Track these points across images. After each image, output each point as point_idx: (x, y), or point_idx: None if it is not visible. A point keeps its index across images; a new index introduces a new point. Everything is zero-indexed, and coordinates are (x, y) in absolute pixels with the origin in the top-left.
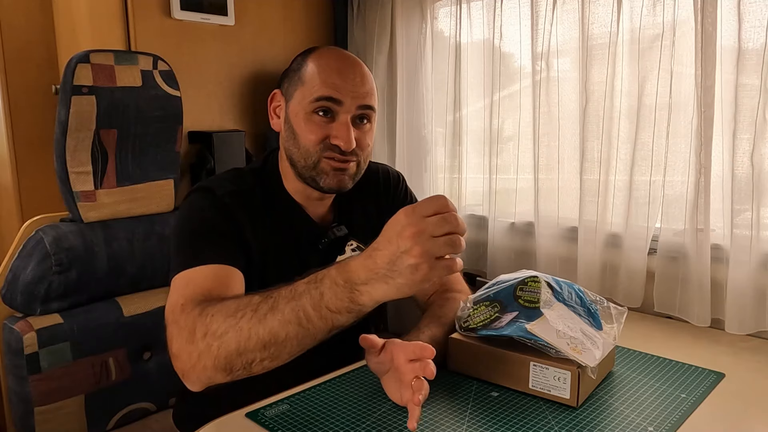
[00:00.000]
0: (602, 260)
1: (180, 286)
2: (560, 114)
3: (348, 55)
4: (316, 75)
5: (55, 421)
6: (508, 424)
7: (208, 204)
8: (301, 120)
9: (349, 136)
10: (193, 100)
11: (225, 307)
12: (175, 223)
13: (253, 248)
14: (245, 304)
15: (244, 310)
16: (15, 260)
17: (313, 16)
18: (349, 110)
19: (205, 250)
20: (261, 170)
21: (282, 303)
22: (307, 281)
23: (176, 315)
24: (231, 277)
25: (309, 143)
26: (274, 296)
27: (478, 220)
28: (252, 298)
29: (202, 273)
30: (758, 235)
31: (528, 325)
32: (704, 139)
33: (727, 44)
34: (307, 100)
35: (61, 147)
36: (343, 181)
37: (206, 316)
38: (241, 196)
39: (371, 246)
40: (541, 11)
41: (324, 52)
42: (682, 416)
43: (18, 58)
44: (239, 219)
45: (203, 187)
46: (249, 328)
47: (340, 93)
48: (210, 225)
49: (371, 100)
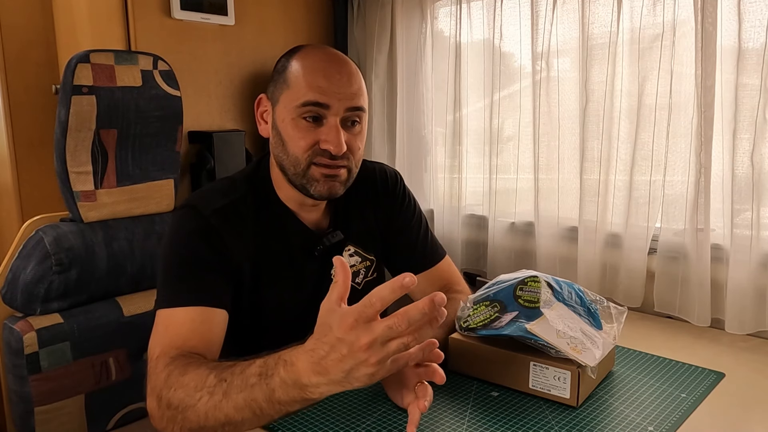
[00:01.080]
0: (602, 260)
1: (160, 329)
2: (560, 114)
3: (333, 54)
4: (301, 78)
5: (55, 421)
6: (508, 424)
7: (193, 228)
8: (289, 126)
9: (339, 140)
10: (193, 100)
11: (185, 383)
12: (163, 245)
13: (244, 268)
14: (202, 384)
15: (201, 392)
16: (15, 260)
17: (313, 16)
18: (338, 113)
19: (186, 290)
20: (253, 177)
21: (234, 392)
22: (258, 372)
23: (152, 364)
24: (211, 320)
25: (298, 150)
26: (228, 380)
27: (478, 220)
28: (208, 378)
29: (181, 318)
30: (758, 235)
31: (528, 324)
32: (704, 139)
33: (727, 44)
34: (293, 105)
35: (61, 147)
36: (334, 188)
37: (170, 388)
38: (230, 211)
39: (314, 346)
40: (541, 11)
41: (308, 52)
42: (682, 416)
43: (18, 58)
44: (226, 240)
45: (190, 205)
46: (206, 411)
47: (327, 96)
48: (194, 257)
49: (360, 100)
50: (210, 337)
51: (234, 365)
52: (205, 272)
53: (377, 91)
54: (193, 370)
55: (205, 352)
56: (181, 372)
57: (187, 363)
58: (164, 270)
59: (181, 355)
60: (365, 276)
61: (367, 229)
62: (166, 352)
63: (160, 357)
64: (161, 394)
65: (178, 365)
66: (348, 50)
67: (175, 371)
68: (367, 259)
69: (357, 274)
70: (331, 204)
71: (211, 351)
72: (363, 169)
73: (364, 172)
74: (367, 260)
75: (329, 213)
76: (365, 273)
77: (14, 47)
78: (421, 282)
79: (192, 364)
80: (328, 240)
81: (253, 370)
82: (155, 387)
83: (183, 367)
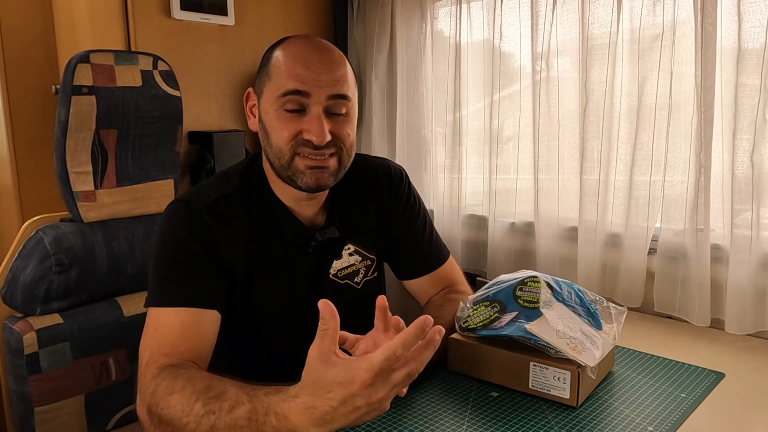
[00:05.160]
0: (602, 260)
1: (149, 331)
2: (560, 114)
3: (316, 43)
4: (281, 68)
5: (55, 421)
6: (508, 424)
7: (184, 223)
8: (272, 117)
9: (320, 130)
10: (193, 100)
11: (172, 404)
12: (154, 241)
13: (237, 263)
14: (188, 410)
15: (188, 418)
16: (15, 260)
17: (313, 16)
18: (320, 101)
19: (177, 290)
20: (247, 172)
21: (222, 430)
22: (248, 417)
23: (142, 369)
24: (201, 323)
25: (281, 141)
26: (216, 414)
27: (478, 220)
28: (195, 406)
29: (170, 320)
30: (758, 235)
31: (528, 325)
32: (704, 139)
33: (727, 44)
34: (275, 96)
35: (61, 147)
36: (322, 179)
37: (157, 405)
38: (222, 205)
39: (314, 404)
40: (541, 11)
41: (291, 42)
42: (682, 416)
43: (18, 58)
44: (218, 235)
45: (182, 199)
46: None
47: (307, 84)
48: (185, 254)
49: (343, 88)
50: (200, 341)
51: (221, 396)
52: (197, 271)
53: (377, 91)
54: (179, 390)
55: (194, 357)
56: (168, 389)
57: (173, 378)
58: (155, 267)
59: (168, 365)
60: (365, 275)
61: (368, 227)
62: (155, 359)
63: (149, 363)
64: (151, 408)
65: (165, 378)
66: (348, 50)
67: (162, 386)
68: (368, 258)
69: (357, 273)
70: (328, 200)
71: (201, 356)
72: (366, 165)
73: (367, 168)
74: (368, 259)
75: (326, 209)
76: (365, 272)
77: (14, 47)
78: (424, 283)
79: (178, 379)
80: (321, 235)
81: (242, 412)
82: (145, 397)
83: (170, 383)
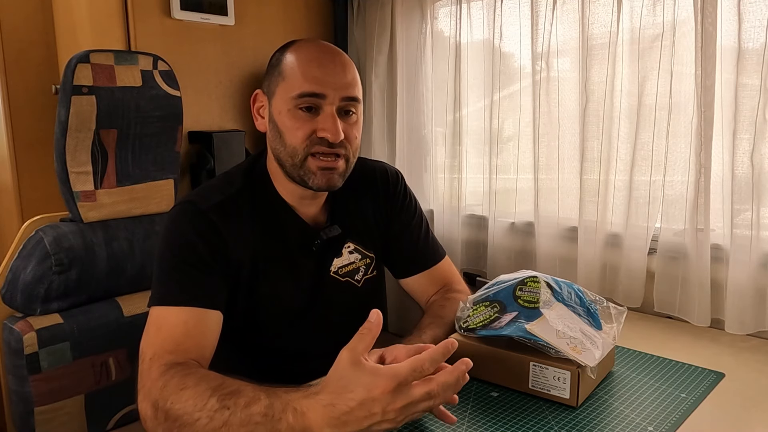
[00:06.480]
0: (602, 260)
1: (152, 330)
2: (560, 114)
3: (327, 46)
4: (296, 69)
5: (55, 421)
6: (508, 424)
7: (190, 224)
8: (285, 117)
9: (336, 128)
10: (193, 100)
11: (183, 399)
12: (159, 241)
13: (242, 263)
14: (202, 404)
15: (201, 413)
16: (15, 260)
17: (313, 16)
18: (333, 102)
19: (181, 289)
20: (250, 172)
21: (236, 424)
22: (264, 413)
23: (144, 366)
24: (204, 323)
25: (295, 140)
26: (230, 410)
27: (478, 220)
28: (209, 401)
29: (174, 319)
30: (758, 235)
31: (528, 325)
32: (704, 139)
33: (727, 44)
34: (290, 96)
35: (61, 147)
36: (332, 180)
37: (166, 399)
38: (227, 205)
39: (334, 401)
40: (541, 11)
41: (302, 44)
42: (682, 416)
43: (18, 58)
44: (224, 236)
45: (188, 200)
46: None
47: (322, 86)
48: (190, 254)
49: (355, 90)
50: (202, 341)
51: (237, 393)
52: (201, 271)
53: (377, 91)
54: (192, 385)
55: (197, 356)
56: (179, 385)
57: (185, 374)
58: (160, 266)
59: (176, 363)
60: (365, 273)
61: (367, 227)
62: (160, 356)
63: (153, 360)
64: (158, 403)
65: (175, 375)
66: (348, 50)
67: (172, 382)
68: (367, 257)
69: (357, 271)
70: (329, 199)
71: (203, 355)
72: (364, 167)
73: (365, 170)
74: (367, 257)
75: (327, 208)
76: (365, 270)
77: (14, 47)
78: (422, 282)
79: (190, 376)
80: (326, 234)
81: (259, 408)
82: (150, 393)
83: (181, 379)
